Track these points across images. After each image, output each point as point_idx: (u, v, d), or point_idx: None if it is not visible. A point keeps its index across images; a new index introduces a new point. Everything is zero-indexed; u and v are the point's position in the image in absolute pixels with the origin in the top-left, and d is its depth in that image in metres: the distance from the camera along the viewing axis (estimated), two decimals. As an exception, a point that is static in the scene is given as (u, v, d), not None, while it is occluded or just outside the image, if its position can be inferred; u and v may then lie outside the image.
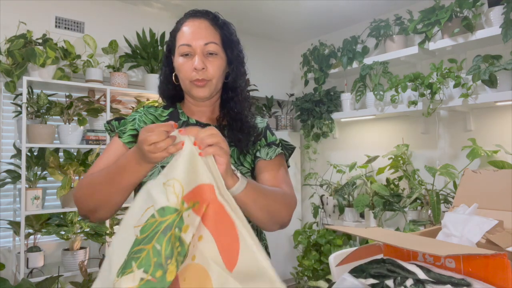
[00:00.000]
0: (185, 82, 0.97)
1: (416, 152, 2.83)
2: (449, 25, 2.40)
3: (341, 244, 2.76)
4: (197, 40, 0.94)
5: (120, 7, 2.87)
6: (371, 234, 0.88)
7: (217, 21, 0.98)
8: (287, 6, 2.93)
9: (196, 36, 0.94)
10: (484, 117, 2.50)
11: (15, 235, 2.33)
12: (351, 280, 0.78)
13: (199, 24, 0.96)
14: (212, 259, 0.66)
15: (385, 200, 2.59)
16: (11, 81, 2.22)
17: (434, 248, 0.75)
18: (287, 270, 3.18)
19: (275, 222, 0.89)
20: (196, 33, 0.95)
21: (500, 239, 0.92)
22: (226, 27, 1.00)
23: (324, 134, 3.21)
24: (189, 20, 0.98)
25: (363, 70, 2.83)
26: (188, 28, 0.96)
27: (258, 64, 3.55)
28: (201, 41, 0.94)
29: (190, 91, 0.97)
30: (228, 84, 1.02)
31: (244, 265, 0.64)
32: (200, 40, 0.94)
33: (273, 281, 0.63)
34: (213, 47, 0.95)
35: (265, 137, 1.05)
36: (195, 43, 0.94)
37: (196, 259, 0.67)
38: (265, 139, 1.04)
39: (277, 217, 0.88)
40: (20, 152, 2.21)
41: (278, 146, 1.03)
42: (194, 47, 0.94)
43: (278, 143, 1.04)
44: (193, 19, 0.97)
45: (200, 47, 0.94)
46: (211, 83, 0.96)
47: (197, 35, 0.95)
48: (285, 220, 0.91)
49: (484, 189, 1.11)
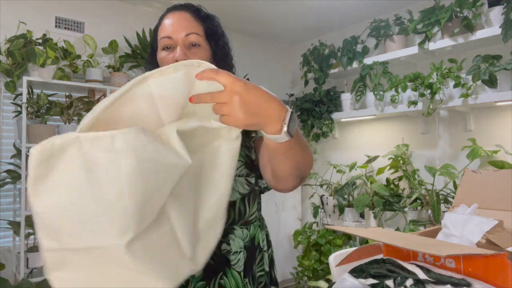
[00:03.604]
0: None
1: (416, 152, 2.83)
2: (449, 25, 2.40)
3: (341, 244, 2.77)
4: (178, 31, 0.91)
5: (120, 7, 2.87)
6: (371, 234, 0.88)
7: (199, 13, 0.96)
8: (287, 6, 2.92)
9: (176, 28, 0.92)
10: (484, 117, 2.49)
11: (15, 235, 2.33)
12: (351, 280, 0.78)
13: (179, 16, 0.94)
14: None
15: (385, 200, 2.59)
16: (11, 81, 2.22)
17: (434, 248, 0.75)
18: (287, 270, 3.18)
19: (298, 174, 0.78)
20: (176, 25, 0.92)
21: (500, 239, 0.92)
22: (209, 19, 0.97)
23: (324, 134, 3.21)
24: (170, 13, 0.95)
25: (363, 70, 2.83)
26: (169, 21, 0.94)
27: (258, 64, 3.55)
28: (182, 33, 0.91)
29: None
30: None
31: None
32: (181, 32, 0.91)
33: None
34: (195, 38, 0.92)
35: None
36: (176, 35, 0.91)
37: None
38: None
39: (302, 170, 0.78)
40: (20, 152, 2.21)
41: None
42: (175, 39, 0.91)
43: None
44: (174, 12, 0.95)
45: (181, 38, 0.91)
46: None
47: (178, 26, 0.92)
48: (306, 174, 0.81)
49: (484, 189, 1.11)
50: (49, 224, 0.54)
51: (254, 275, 0.94)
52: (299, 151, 0.71)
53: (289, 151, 0.69)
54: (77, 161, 0.52)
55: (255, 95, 0.62)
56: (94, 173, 0.52)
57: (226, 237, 0.91)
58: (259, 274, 0.96)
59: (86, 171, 0.52)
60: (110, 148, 0.52)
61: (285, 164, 0.74)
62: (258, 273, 0.95)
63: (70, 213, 0.52)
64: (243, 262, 0.92)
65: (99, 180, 0.52)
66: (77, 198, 0.52)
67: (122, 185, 0.52)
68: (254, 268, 0.94)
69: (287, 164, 0.73)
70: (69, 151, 0.52)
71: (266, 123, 0.63)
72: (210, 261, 0.89)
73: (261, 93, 0.63)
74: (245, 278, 0.92)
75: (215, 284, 0.88)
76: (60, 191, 0.52)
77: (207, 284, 0.88)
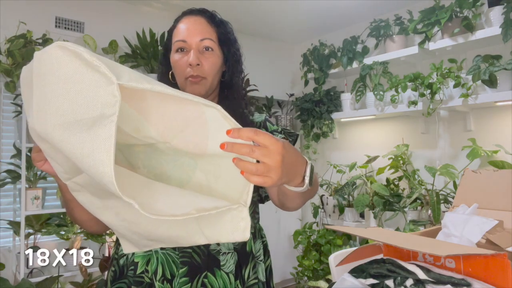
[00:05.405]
0: (180, 79, 0.95)
1: (416, 152, 2.83)
2: (449, 25, 2.40)
3: (341, 244, 2.77)
4: (193, 36, 0.93)
5: (120, 7, 2.87)
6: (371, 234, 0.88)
7: (214, 19, 0.97)
8: (287, 6, 2.92)
9: (191, 33, 0.94)
10: (484, 117, 2.49)
11: (15, 235, 2.33)
12: (351, 280, 0.78)
13: (195, 20, 0.95)
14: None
15: (385, 200, 2.59)
16: (11, 81, 2.22)
17: (434, 248, 0.75)
18: (287, 270, 3.18)
19: (304, 202, 0.85)
20: (192, 29, 0.94)
21: (500, 239, 0.92)
22: (223, 25, 0.99)
23: (324, 134, 3.21)
24: (186, 17, 0.97)
25: (363, 70, 2.83)
26: (184, 25, 0.95)
27: (258, 64, 3.55)
28: (197, 37, 0.93)
29: (185, 88, 0.95)
30: (224, 82, 1.01)
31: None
32: (195, 36, 0.93)
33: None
34: (209, 43, 0.94)
35: (265, 128, 1.03)
36: (190, 39, 0.93)
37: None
38: (265, 130, 1.03)
39: (306, 201, 0.84)
40: (20, 152, 2.21)
41: (280, 133, 1.01)
42: (190, 43, 0.93)
43: (280, 131, 1.02)
44: (190, 16, 0.97)
45: (195, 43, 0.93)
46: (206, 81, 0.94)
47: (193, 31, 0.94)
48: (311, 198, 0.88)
49: (484, 189, 1.11)
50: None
51: (244, 280, 0.94)
52: (312, 192, 0.79)
53: (304, 194, 0.74)
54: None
55: (292, 156, 0.63)
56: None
57: None
58: (252, 282, 0.95)
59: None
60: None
61: (297, 202, 0.82)
62: (251, 281, 0.95)
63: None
64: (233, 263, 0.92)
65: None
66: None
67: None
68: (244, 273, 0.94)
69: (299, 201, 0.81)
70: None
71: (292, 180, 0.65)
72: (197, 259, 0.90)
73: (295, 153, 0.64)
74: (236, 280, 0.92)
75: (198, 282, 0.89)
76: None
77: (191, 281, 0.88)
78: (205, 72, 0.94)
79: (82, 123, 0.53)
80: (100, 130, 0.52)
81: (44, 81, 0.57)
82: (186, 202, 0.63)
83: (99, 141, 0.52)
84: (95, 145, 0.52)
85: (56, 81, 0.55)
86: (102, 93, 0.52)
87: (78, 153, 0.54)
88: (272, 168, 0.59)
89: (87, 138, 0.53)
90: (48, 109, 0.56)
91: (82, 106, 0.53)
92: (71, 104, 0.54)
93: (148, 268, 0.90)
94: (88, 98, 0.53)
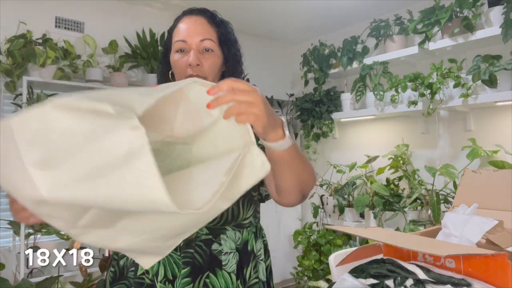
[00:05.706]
0: (180, 78, 0.95)
1: (416, 152, 2.83)
2: (449, 25, 2.40)
3: (341, 244, 2.77)
4: (193, 36, 0.93)
5: (120, 7, 2.87)
6: (371, 234, 0.88)
7: (214, 19, 0.97)
8: (287, 6, 2.92)
9: (192, 33, 0.93)
10: (484, 117, 2.49)
11: (15, 235, 2.33)
12: (351, 280, 0.78)
13: (195, 20, 0.95)
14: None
15: (385, 200, 2.59)
16: (11, 81, 2.22)
17: (434, 248, 0.75)
18: (287, 270, 3.18)
19: (301, 190, 0.84)
20: (192, 29, 0.94)
21: (500, 239, 0.92)
22: (224, 26, 0.99)
23: (324, 134, 3.21)
24: (186, 17, 0.97)
25: (363, 70, 2.83)
26: (184, 25, 0.95)
27: (258, 64, 3.55)
28: (197, 38, 0.93)
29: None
30: None
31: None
32: (196, 37, 0.93)
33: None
34: (209, 44, 0.94)
35: None
36: (190, 39, 0.93)
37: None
38: None
39: (304, 186, 0.83)
40: (20, 152, 2.20)
41: None
42: (190, 43, 0.93)
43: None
44: (190, 16, 0.97)
45: (195, 43, 0.93)
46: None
47: (193, 31, 0.94)
48: (309, 191, 0.87)
49: (484, 189, 1.11)
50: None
51: (245, 279, 0.94)
52: (301, 164, 0.78)
53: (292, 162, 0.74)
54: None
55: (268, 104, 0.68)
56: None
57: (218, 237, 0.91)
58: (253, 281, 0.95)
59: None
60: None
61: (288, 178, 0.79)
62: (251, 280, 0.95)
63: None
64: (235, 263, 0.92)
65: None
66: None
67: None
68: (245, 272, 0.94)
69: (290, 177, 0.79)
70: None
71: (274, 126, 0.69)
72: (199, 260, 0.89)
73: (270, 105, 0.70)
74: (237, 280, 0.91)
75: (200, 282, 0.88)
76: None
77: (193, 282, 0.88)
78: (205, 73, 0.94)
79: (110, 165, 0.50)
80: (136, 162, 0.49)
81: (45, 142, 0.52)
82: (209, 177, 0.62)
83: (140, 170, 0.49)
84: (139, 177, 0.50)
85: (63, 138, 0.51)
86: (122, 133, 0.50)
87: (120, 192, 0.50)
88: (254, 104, 0.64)
89: (126, 173, 0.50)
90: (62, 167, 0.51)
91: (103, 152, 0.50)
92: (91, 154, 0.50)
93: (149, 269, 0.90)
94: (107, 141, 0.50)
